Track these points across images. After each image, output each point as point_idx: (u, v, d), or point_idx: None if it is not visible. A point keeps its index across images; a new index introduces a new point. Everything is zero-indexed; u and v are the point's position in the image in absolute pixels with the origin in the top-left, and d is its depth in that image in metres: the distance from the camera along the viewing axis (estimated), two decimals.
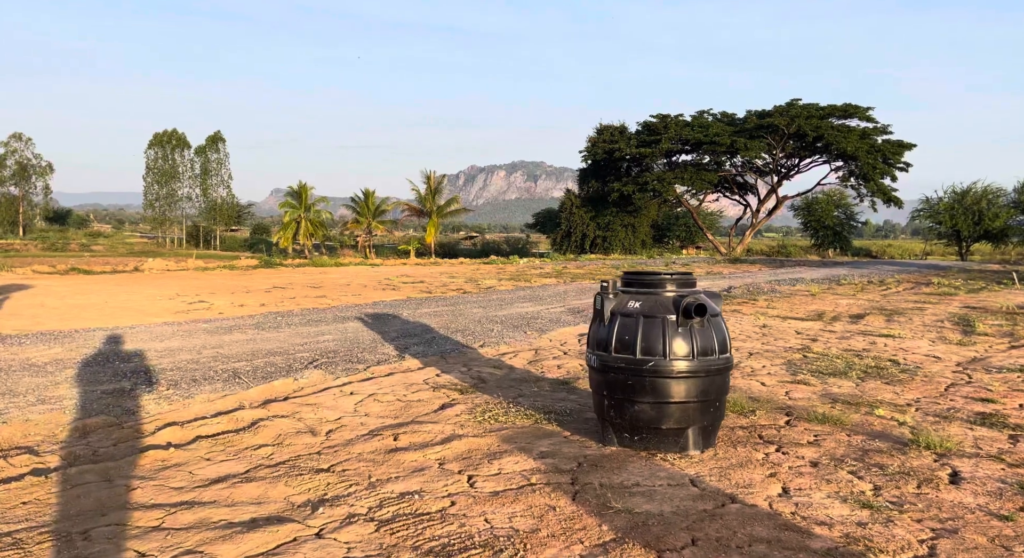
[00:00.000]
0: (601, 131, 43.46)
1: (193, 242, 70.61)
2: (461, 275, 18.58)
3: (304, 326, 8.20)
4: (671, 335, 3.46)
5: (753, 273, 21.82)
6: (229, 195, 72.25)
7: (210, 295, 11.97)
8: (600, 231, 42.84)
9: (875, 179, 37.59)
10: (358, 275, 18.37)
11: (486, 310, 10.05)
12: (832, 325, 9.06)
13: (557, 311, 10.14)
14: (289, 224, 49.43)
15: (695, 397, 3.47)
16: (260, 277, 16.97)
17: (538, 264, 26.29)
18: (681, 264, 27.40)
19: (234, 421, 4.24)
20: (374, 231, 53.12)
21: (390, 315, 9.26)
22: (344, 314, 9.44)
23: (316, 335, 7.53)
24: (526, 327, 8.53)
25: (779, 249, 53.85)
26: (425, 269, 21.90)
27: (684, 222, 53.68)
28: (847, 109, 37.47)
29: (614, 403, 3.60)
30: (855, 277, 19.58)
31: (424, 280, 16.46)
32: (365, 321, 8.67)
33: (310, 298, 11.78)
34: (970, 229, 44.25)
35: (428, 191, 50.01)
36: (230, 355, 6.26)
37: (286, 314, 9.42)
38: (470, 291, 13.46)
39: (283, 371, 5.69)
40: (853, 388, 5.18)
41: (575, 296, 12.49)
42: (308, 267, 22.29)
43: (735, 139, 37.65)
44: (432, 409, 4.61)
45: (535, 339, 7.75)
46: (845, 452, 3.56)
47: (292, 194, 51.24)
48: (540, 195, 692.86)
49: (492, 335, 7.84)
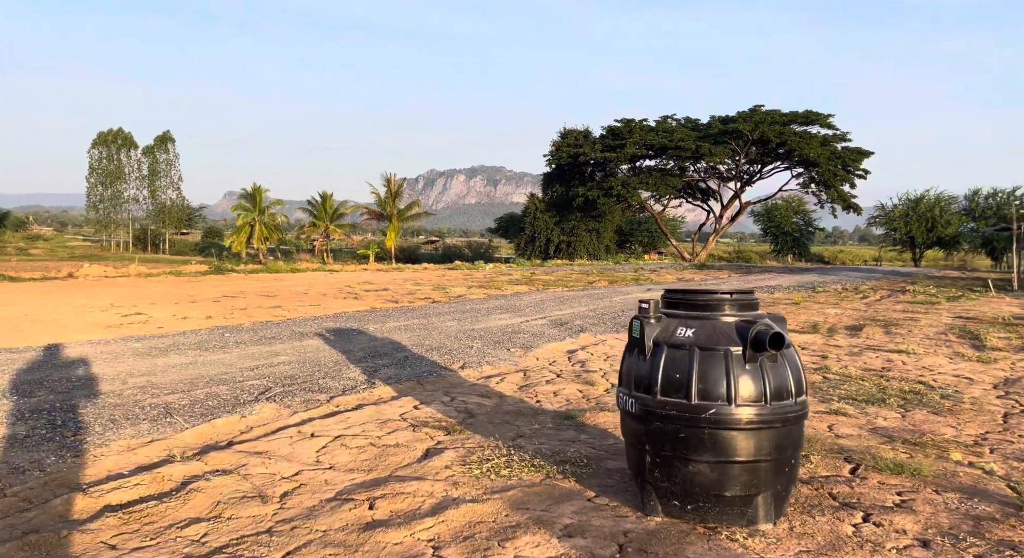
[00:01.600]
0: (565, 135, 42.96)
1: (140, 246, 67.66)
2: (427, 282, 17.62)
3: (256, 344, 7.18)
4: (737, 373, 2.66)
5: (724, 280, 21.42)
6: (179, 197, 69.53)
7: (150, 306, 10.79)
8: (565, 236, 42.27)
9: (835, 186, 37.96)
10: (316, 282, 17.25)
11: (461, 323, 9.16)
12: (834, 339, 8.46)
13: (539, 323, 9.32)
14: (242, 227, 47.56)
15: (768, 454, 2.68)
16: (209, 285, 15.72)
17: (505, 270, 25.47)
18: (649, 270, 26.93)
19: (159, 481, 3.28)
20: (332, 235, 51.55)
21: (355, 330, 8.29)
22: (302, 329, 8.44)
23: (270, 356, 6.54)
24: (508, 343, 7.68)
25: (738, 255, 54.26)
26: (388, 275, 20.86)
27: (647, 228, 53.60)
28: (808, 116, 37.77)
29: (661, 462, 2.78)
30: (828, 284, 19.30)
31: (388, 288, 15.46)
32: (326, 337, 7.69)
33: (264, 309, 10.70)
34: (924, 236, 45.23)
35: (388, 194, 48.78)
36: (163, 385, 5.24)
37: (235, 329, 8.36)
38: (440, 300, 12.53)
39: (228, 405, 4.71)
40: (900, 420, 4.48)
41: (554, 306, 11.68)
42: (262, 273, 21.00)
43: (700, 144, 37.56)
44: (414, 457, 3.72)
45: (520, 357, 6.91)
46: (951, 522, 2.81)
47: (246, 196, 49.35)
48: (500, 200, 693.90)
49: (472, 353, 6.97)
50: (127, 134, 67.92)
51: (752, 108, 38.69)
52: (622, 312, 10.93)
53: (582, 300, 12.84)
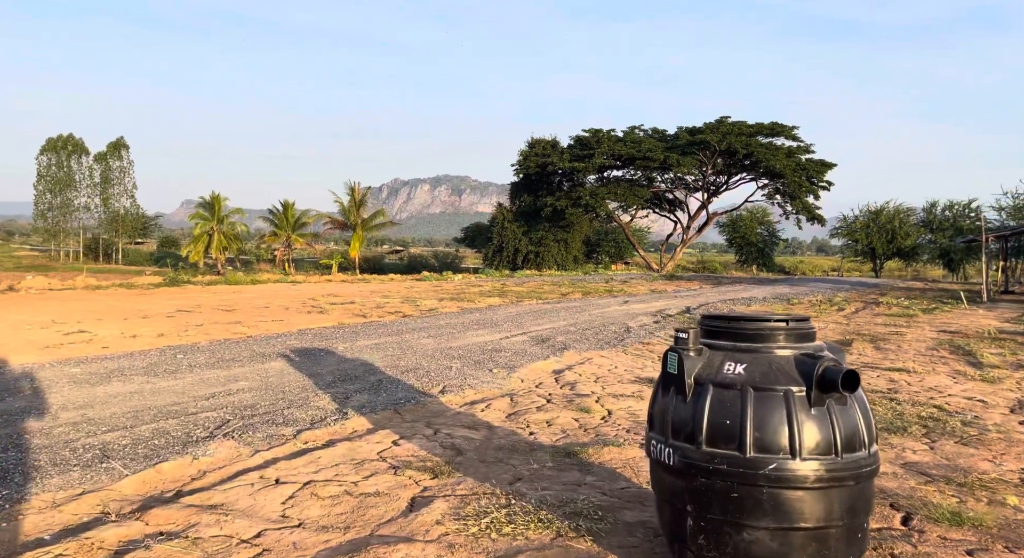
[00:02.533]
0: (533, 145, 42.72)
1: (92, 256, 65.16)
2: (395, 294, 16.98)
3: (212, 368, 6.51)
4: (801, 420, 2.20)
5: (697, 291, 21.25)
6: (133, 205, 67.20)
7: (96, 322, 9.98)
8: (533, 246, 41.94)
9: (801, 197, 38.43)
10: (278, 294, 16.47)
11: (437, 340, 8.60)
12: None
13: (519, 340, 8.81)
14: (200, 237, 46.08)
15: (839, 519, 2.22)
16: (162, 298, 14.83)
17: (474, 281, 24.93)
18: (620, 281, 26.69)
19: (86, 551, 2.68)
20: (294, 244, 50.34)
21: (322, 350, 7.67)
22: (264, 348, 7.78)
23: (228, 381, 5.90)
24: (490, 363, 7.16)
25: (703, 265, 54.69)
26: (353, 287, 20.13)
27: (613, 238, 53.68)
28: (774, 128, 38.23)
29: (707, 527, 2.30)
30: (801, 296, 19.25)
31: (355, 300, 14.79)
32: (291, 359, 7.06)
33: (221, 325, 9.98)
34: (884, 247, 46.13)
35: (352, 203, 47.83)
36: (102, 420, 4.59)
37: (190, 349, 7.66)
38: (411, 314, 11.94)
39: (178, 444, 4.10)
40: (931, 453, 4.10)
41: (532, 320, 11.19)
42: (220, 285, 20.07)
43: (668, 155, 37.69)
44: (399, 509, 3.18)
45: (504, 379, 6.40)
46: None
47: (204, 205, 47.88)
48: (465, 209, 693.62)
49: (452, 375, 6.43)
50: (78, 140, 65.49)
51: (719, 119, 39.02)
52: (603, 327, 10.50)
53: (560, 314, 12.39)
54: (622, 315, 12.41)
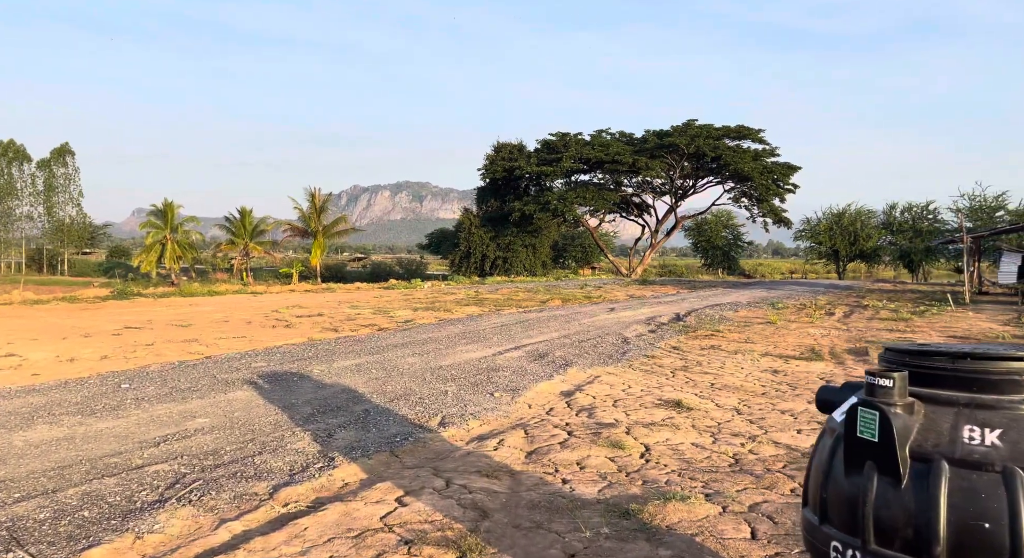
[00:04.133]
0: (499, 149, 41.96)
1: (35, 267, 61.96)
2: (365, 304, 15.93)
3: (164, 401, 5.48)
4: None
5: (678, 296, 20.67)
6: (80, 214, 64.16)
7: (30, 343, 8.77)
8: (501, 252, 41.12)
9: (768, 200, 38.48)
10: (238, 306, 15.28)
11: (424, 358, 7.67)
12: (845, 366, 7.51)
13: (514, 356, 7.95)
14: (152, 246, 43.95)
15: None
16: (109, 313, 13.53)
17: (445, 289, 23.96)
18: (594, 286, 26.06)
19: None
20: (252, 253, 48.49)
21: (294, 373, 6.68)
22: (227, 373, 6.75)
23: (183, 418, 4.90)
24: (488, 384, 6.29)
25: (669, 270, 54.66)
26: (319, 297, 18.98)
27: (580, 243, 53.25)
28: (741, 131, 38.24)
29: None
30: (783, 300, 18.84)
31: (323, 312, 13.72)
32: (259, 386, 6.07)
33: (175, 344, 8.87)
34: (847, 249, 46.66)
35: (313, 209, 46.25)
36: (15, 481, 3.57)
37: (137, 376, 6.59)
38: (387, 327, 10.96)
39: (116, 516, 3.13)
40: None
41: (521, 332, 10.34)
42: (174, 297, 18.70)
43: (637, 158, 37.35)
44: None
45: (509, 405, 5.55)
46: None
47: (156, 213, 45.71)
48: (426, 216, 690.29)
49: (449, 402, 5.54)
50: (19, 146, 62.26)
51: (686, 122, 38.87)
52: (599, 338, 9.71)
53: (548, 324, 11.56)
54: (614, 324, 11.65)
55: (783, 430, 4.76)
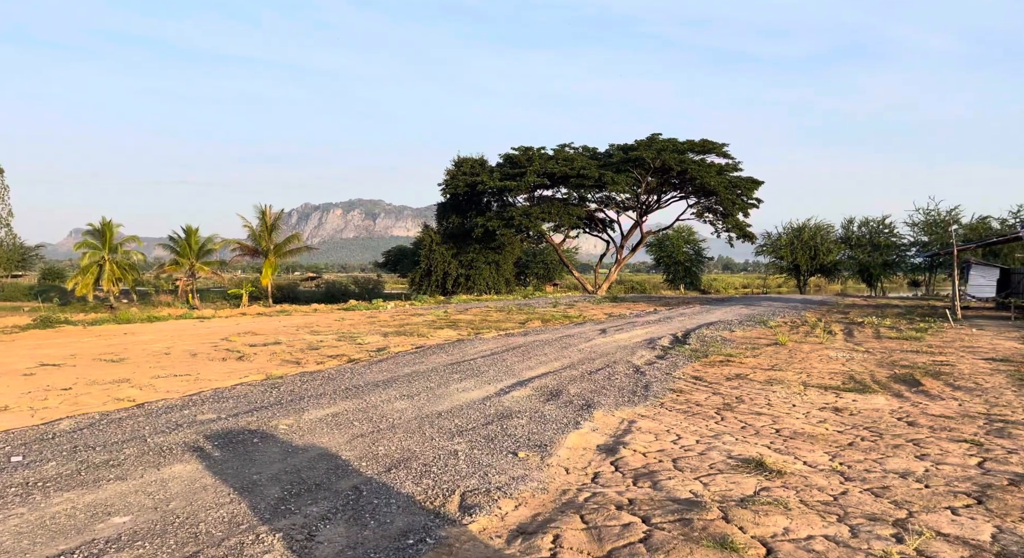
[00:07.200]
0: (460, 163, 40.63)
1: None
2: (327, 330, 14.31)
3: (70, 487, 3.93)
4: None
5: (656, 314, 19.60)
6: (9, 235, 59.95)
7: None
8: (463, 269, 39.64)
9: (733, 214, 38.13)
10: (182, 335, 13.47)
11: (415, 401, 6.24)
12: (911, 397, 6.42)
13: (520, 395, 6.59)
14: (89, 267, 40.97)
15: None
16: (26, 345, 11.62)
17: (411, 309, 22.38)
18: (566, 304, 24.87)
19: None
20: (198, 273, 45.82)
21: (253, 431, 5.18)
22: (161, 434, 5.20)
23: (95, 517, 3.39)
24: (504, 438, 4.94)
25: (633, 286, 54.05)
26: (274, 322, 17.22)
27: (542, 259, 52.22)
28: (705, 145, 37.87)
29: None
30: (769, 317, 17.98)
31: (280, 340, 12.08)
32: (206, 454, 4.56)
33: (100, 387, 7.23)
34: (808, 263, 46.85)
35: (264, 227, 44.01)
36: None
37: (38, 440, 4.99)
38: (358, 358, 9.45)
39: None
40: None
41: (517, 361, 8.96)
42: (108, 324, 16.69)
43: (603, 173, 36.54)
44: None
45: (541, 469, 4.23)
46: None
47: (93, 233, 42.74)
48: (380, 233, 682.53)
49: (463, 469, 4.18)
50: None
51: (650, 136, 38.30)
52: (608, 368, 8.43)
53: (542, 350, 10.22)
54: (615, 349, 10.39)
55: (931, 511, 3.54)
